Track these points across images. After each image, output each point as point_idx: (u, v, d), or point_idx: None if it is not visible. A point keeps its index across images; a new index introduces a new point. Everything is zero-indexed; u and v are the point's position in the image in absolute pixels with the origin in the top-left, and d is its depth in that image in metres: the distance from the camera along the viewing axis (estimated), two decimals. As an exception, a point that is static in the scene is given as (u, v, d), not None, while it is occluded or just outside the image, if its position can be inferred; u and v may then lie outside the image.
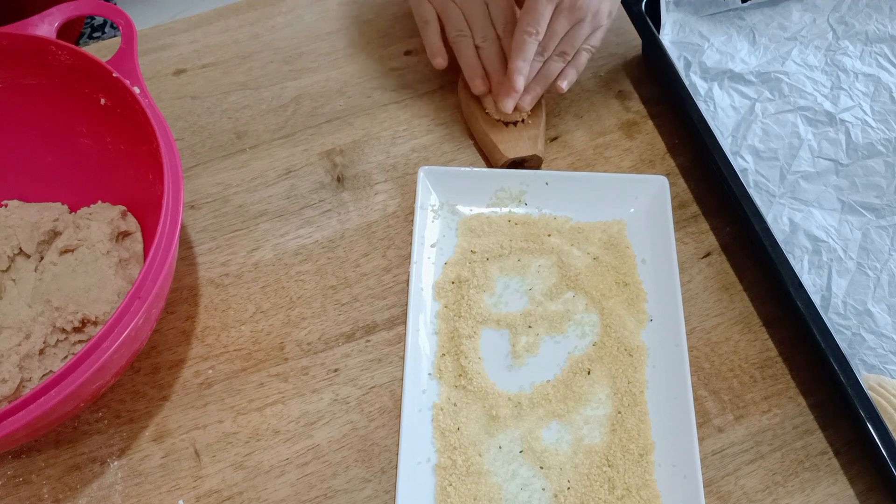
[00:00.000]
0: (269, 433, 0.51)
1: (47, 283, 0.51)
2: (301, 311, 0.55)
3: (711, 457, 0.51)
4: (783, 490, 0.50)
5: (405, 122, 0.64)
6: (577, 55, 0.61)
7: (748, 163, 0.60)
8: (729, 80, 0.64)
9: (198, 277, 0.56)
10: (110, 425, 0.50)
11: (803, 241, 0.57)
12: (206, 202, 0.60)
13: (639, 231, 0.57)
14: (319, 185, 0.61)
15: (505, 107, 0.58)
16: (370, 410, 0.52)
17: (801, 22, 0.67)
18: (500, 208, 0.59)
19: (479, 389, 0.51)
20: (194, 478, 0.49)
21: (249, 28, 0.69)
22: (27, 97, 0.53)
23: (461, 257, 0.56)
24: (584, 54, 0.61)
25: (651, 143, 0.64)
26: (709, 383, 0.53)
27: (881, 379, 0.51)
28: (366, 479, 0.49)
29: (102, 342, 0.41)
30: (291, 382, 0.52)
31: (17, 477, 0.49)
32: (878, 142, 0.61)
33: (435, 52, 0.62)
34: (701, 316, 0.56)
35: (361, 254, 0.58)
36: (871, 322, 0.54)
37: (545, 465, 0.49)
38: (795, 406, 0.53)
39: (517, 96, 0.58)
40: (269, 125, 0.64)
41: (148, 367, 0.53)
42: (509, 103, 0.58)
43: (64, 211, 0.55)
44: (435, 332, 0.53)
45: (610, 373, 0.52)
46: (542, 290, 0.55)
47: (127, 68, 0.51)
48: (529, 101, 0.60)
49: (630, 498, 0.48)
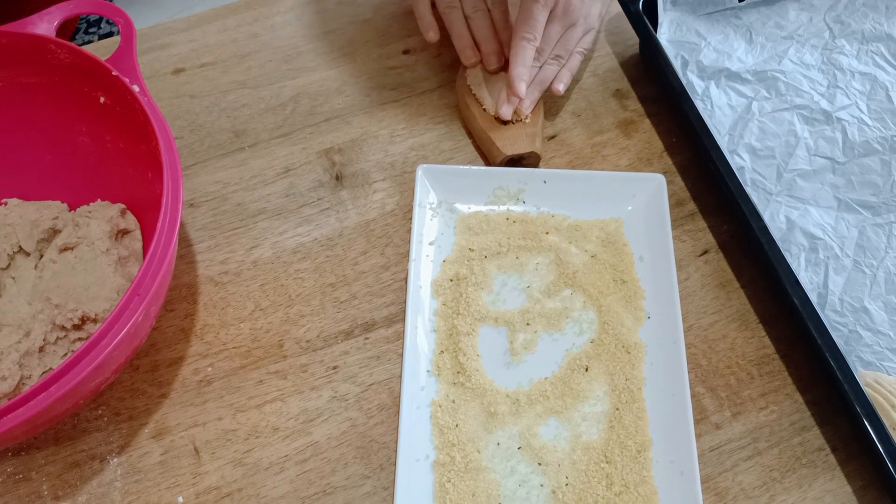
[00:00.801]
0: (269, 430, 0.51)
1: (47, 281, 0.51)
2: (300, 308, 0.55)
3: (709, 453, 0.51)
4: (780, 486, 0.50)
5: (403, 120, 0.64)
6: (571, 58, 0.63)
7: (745, 161, 0.61)
8: (726, 79, 0.64)
9: (197, 275, 0.56)
10: (110, 422, 0.51)
11: (800, 238, 0.57)
12: (205, 200, 0.60)
13: (636, 229, 0.58)
14: (318, 184, 0.61)
15: (504, 113, 0.60)
16: (369, 407, 0.52)
17: (798, 21, 0.68)
18: (498, 206, 0.59)
19: (478, 386, 0.51)
20: (194, 475, 0.49)
21: (248, 27, 0.69)
22: (27, 96, 0.54)
23: (459, 255, 0.56)
24: (577, 57, 0.63)
25: (648, 142, 0.64)
26: (706, 380, 0.54)
27: (878, 376, 0.51)
28: (365, 475, 0.50)
29: (102, 339, 0.41)
30: (290, 380, 0.53)
31: (16, 474, 0.49)
32: (875, 140, 0.61)
33: (426, 25, 0.63)
34: (698, 313, 0.56)
35: (360, 252, 0.58)
36: (868, 319, 0.54)
37: (543, 461, 0.49)
38: (792, 403, 0.53)
39: (516, 101, 0.60)
40: (267, 124, 0.64)
41: (147, 364, 0.53)
42: (509, 109, 0.60)
43: (63, 209, 0.55)
44: (433, 330, 0.54)
45: (608, 370, 0.52)
46: (540, 287, 0.55)
47: (126, 67, 0.51)
48: (528, 105, 0.61)
49: (628, 494, 0.48)
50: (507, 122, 0.61)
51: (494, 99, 0.61)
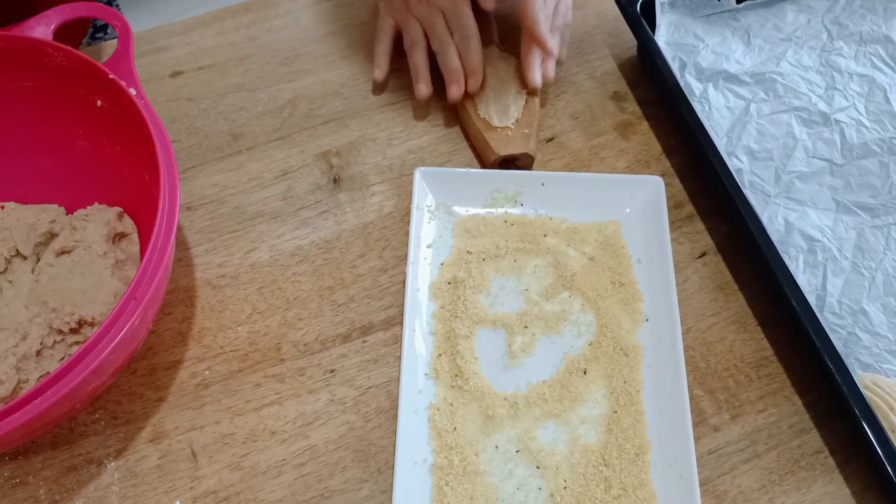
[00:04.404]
0: (266, 434, 0.51)
1: (44, 285, 0.51)
2: (297, 312, 0.55)
3: (707, 456, 0.51)
4: (779, 489, 0.50)
5: (401, 123, 0.64)
6: (565, 30, 0.66)
7: (743, 163, 0.61)
8: (724, 81, 0.64)
9: (194, 279, 0.56)
10: (107, 426, 0.51)
11: (798, 240, 0.57)
12: (202, 204, 0.60)
13: (634, 231, 0.58)
14: (316, 187, 0.61)
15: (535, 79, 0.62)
16: (367, 411, 0.52)
17: (796, 23, 0.68)
18: (496, 209, 0.59)
19: (476, 389, 0.51)
20: (191, 479, 0.49)
21: (246, 30, 0.69)
22: (23, 99, 0.54)
23: (457, 258, 0.56)
24: (567, 29, 0.66)
25: (646, 144, 0.64)
26: (704, 383, 0.53)
27: (876, 378, 0.51)
28: (362, 479, 0.49)
29: (99, 343, 0.41)
30: (288, 383, 0.53)
31: (13, 478, 0.49)
32: (873, 142, 0.61)
33: (376, 64, 0.65)
34: (696, 316, 0.56)
35: (358, 255, 0.58)
36: (867, 321, 0.54)
37: (541, 464, 0.49)
38: (791, 405, 0.53)
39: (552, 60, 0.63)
40: (265, 127, 0.64)
41: (144, 368, 0.53)
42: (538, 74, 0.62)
43: (60, 213, 0.55)
44: (431, 333, 0.53)
45: (606, 372, 0.52)
46: (538, 290, 0.55)
47: (123, 70, 0.51)
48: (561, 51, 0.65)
49: (626, 497, 0.48)
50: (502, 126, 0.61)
51: (488, 104, 0.62)
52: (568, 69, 0.68)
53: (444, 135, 0.64)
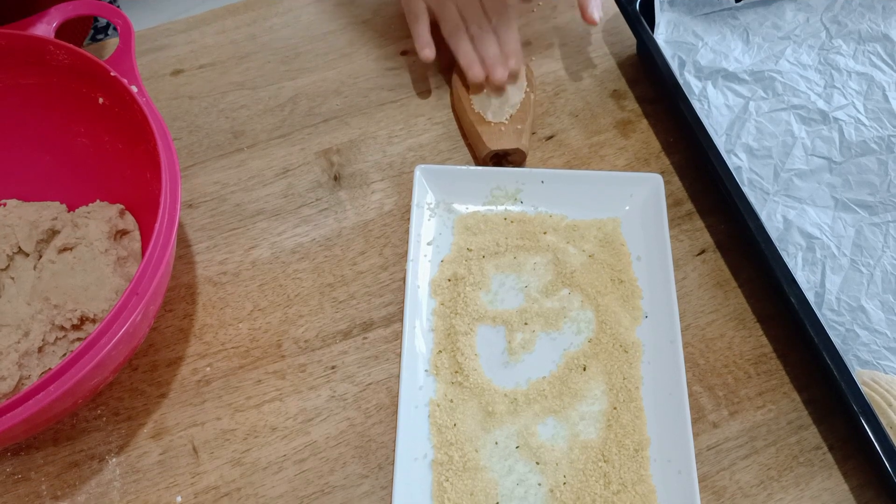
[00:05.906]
0: (267, 430, 0.51)
1: (46, 281, 0.51)
2: (298, 308, 0.55)
3: (706, 452, 0.51)
4: (778, 485, 0.50)
5: (401, 121, 0.65)
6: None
7: (742, 161, 0.61)
8: (723, 79, 0.64)
9: (195, 276, 0.57)
10: (108, 422, 0.51)
11: (797, 238, 0.57)
12: (203, 201, 0.60)
13: (634, 229, 0.58)
14: (316, 184, 0.61)
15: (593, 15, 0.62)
16: (367, 407, 0.52)
17: (795, 21, 0.68)
18: (496, 206, 0.59)
19: (476, 386, 0.51)
20: (192, 474, 0.49)
21: (247, 29, 0.70)
22: (25, 97, 0.54)
23: (457, 255, 0.56)
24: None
25: (646, 142, 0.64)
26: (703, 379, 0.54)
27: (875, 374, 0.51)
28: (363, 475, 0.50)
29: (100, 339, 0.41)
30: (289, 379, 0.53)
31: (15, 474, 0.49)
32: (871, 140, 0.61)
33: (423, 44, 0.64)
34: (695, 313, 0.56)
35: (358, 252, 0.58)
36: (865, 318, 0.54)
37: (541, 460, 0.49)
38: (790, 402, 0.53)
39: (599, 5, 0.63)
40: (266, 125, 0.64)
41: (146, 364, 0.53)
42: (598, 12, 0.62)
43: (62, 210, 0.56)
44: (431, 330, 0.54)
45: (605, 369, 0.52)
46: (538, 287, 0.56)
47: (125, 68, 0.51)
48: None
49: (625, 493, 0.48)
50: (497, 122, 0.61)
51: (484, 99, 0.62)
52: (568, 67, 0.68)
53: (444, 133, 0.64)
